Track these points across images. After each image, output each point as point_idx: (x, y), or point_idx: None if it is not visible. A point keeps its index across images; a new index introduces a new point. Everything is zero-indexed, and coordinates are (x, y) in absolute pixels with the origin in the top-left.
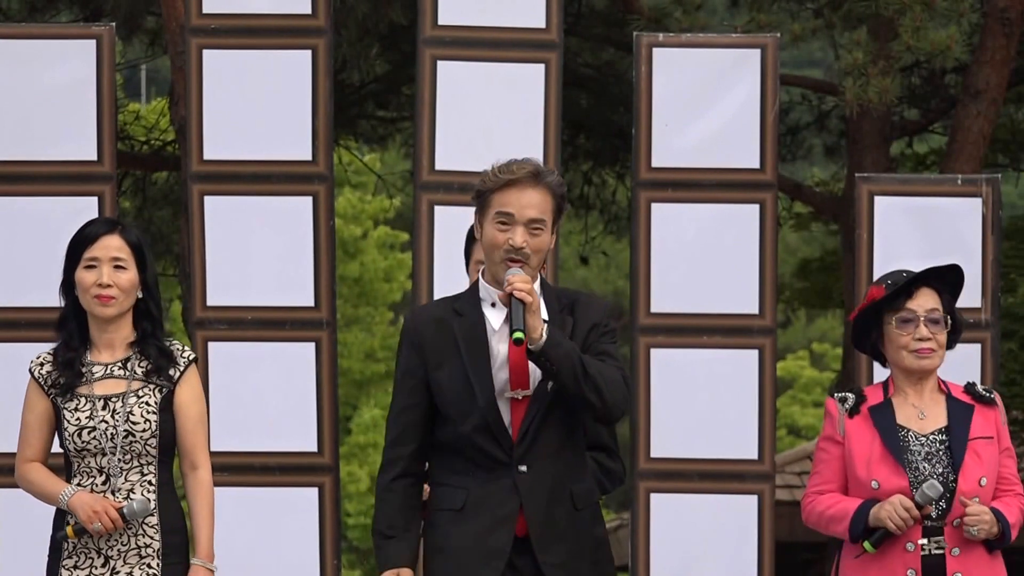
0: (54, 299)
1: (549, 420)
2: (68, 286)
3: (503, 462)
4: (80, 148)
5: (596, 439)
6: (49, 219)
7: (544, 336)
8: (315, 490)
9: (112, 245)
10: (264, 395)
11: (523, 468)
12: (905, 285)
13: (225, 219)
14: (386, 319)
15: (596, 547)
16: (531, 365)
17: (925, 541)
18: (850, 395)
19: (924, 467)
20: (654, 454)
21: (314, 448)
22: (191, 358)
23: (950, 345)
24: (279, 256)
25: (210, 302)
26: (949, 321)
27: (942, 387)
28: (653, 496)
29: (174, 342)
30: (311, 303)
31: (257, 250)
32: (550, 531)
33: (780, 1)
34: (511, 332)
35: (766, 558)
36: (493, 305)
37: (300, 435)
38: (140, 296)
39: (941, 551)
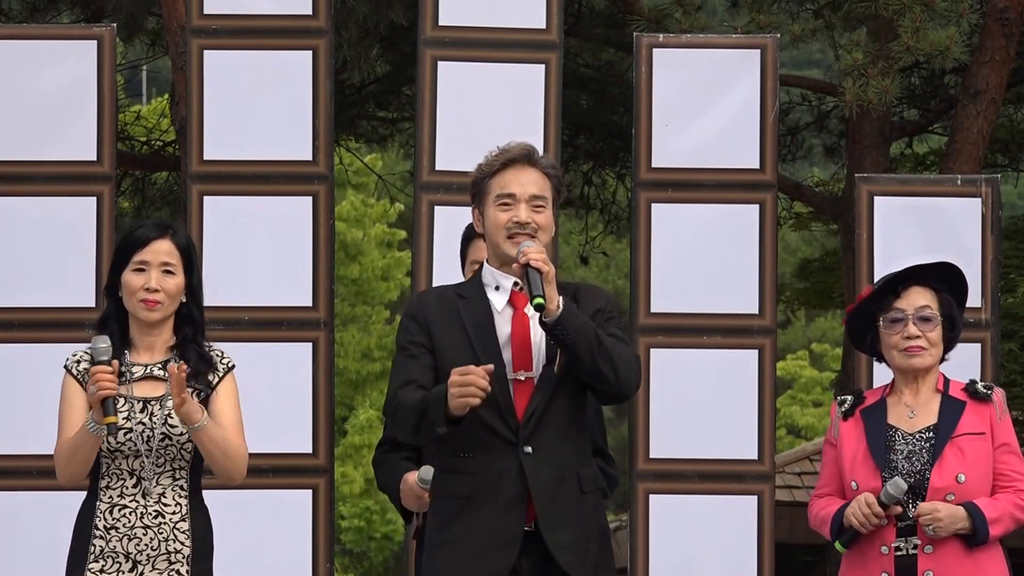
0: (54, 299)
1: (555, 403)
2: (113, 287)
3: (509, 441)
4: (80, 148)
5: (593, 444)
6: (49, 219)
7: (561, 306)
8: (308, 492)
9: (162, 249)
10: (259, 396)
11: (528, 449)
12: (891, 284)
13: (225, 219)
14: (383, 318)
15: (601, 534)
16: (534, 347)
17: (902, 542)
18: (848, 397)
19: (903, 466)
20: (653, 455)
21: (308, 449)
22: (230, 365)
23: (949, 344)
24: (278, 256)
25: (207, 302)
26: (939, 318)
27: (940, 386)
28: (652, 497)
29: (214, 347)
30: (309, 303)
31: (256, 250)
32: (557, 513)
33: (780, 2)
34: (531, 298)
35: (766, 559)
36: (497, 288)
37: (294, 436)
38: (183, 300)
39: (916, 551)
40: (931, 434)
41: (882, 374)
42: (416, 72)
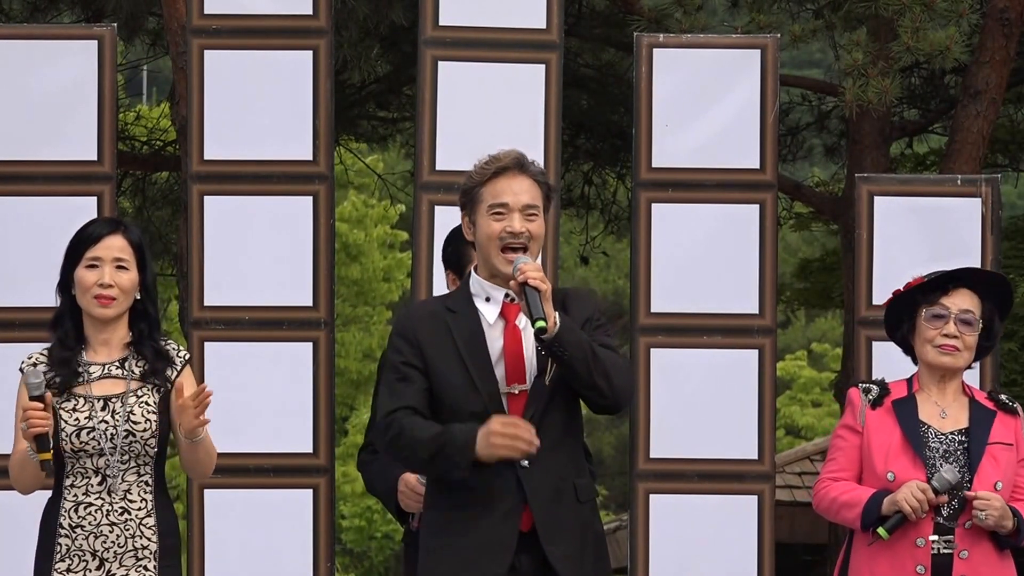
0: (54, 299)
1: (549, 415)
2: (65, 285)
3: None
4: (80, 148)
5: None
6: (49, 219)
7: (558, 323)
8: (309, 492)
9: (115, 245)
10: (260, 396)
11: (525, 463)
12: (941, 281)
13: (225, 219)
14: (384, 318)
15: (597, 542)
16: (526, 360)
17: (935, 538)
18: (874, 387)
19: (941, 464)
20: (653, 454)
21: (309, 449)
22: (186, 358)
23: (983, 352)
24: (278, 256)
25: (207, 302)
26: (980, 325)
27: (966, 390)
28: (652, 497)
29: (169, 342)
30: (309, 303)
31: (256, 250)
32: (556, 524)
33: (780, 2)
34: (532, 322)
35: (766, 559)
36: (488, 300)
37: (295, 436)
38: (138, 297)
39: (950, 551)
40: (964, 437)
41: (881, 376)
42: (416, 72)
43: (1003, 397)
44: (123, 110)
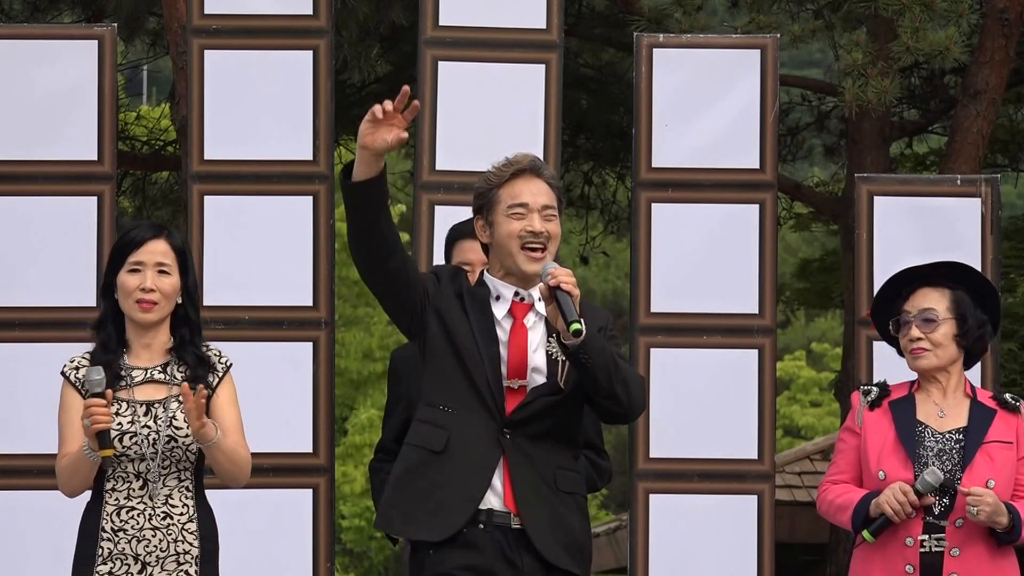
0: (54, 299)
1: (540, 412)
2: (108, 289)
3: (491, 411)
4: (80, 148)
5: (586, 438)
6: (49, 219)
7: (584, 329)
8: (309, 491)
9: (158, 250)
10: (260, 395)
11: (508, 434)
12: (892, 288)
13: (225, 219)
14: (384, 319)
15: (581, 534)
16: (529, 357)
17: (926, 537)
18: (874, 388)
19: (934, 463)
20: (653, 454)
21: (309, 449)
22: (228, 364)
23: (967, 339)
24: (278, 256)
25: (208, 302)
26: (946, 317)
27: (968, 391)
28: (652, 496)
29: (211, 347)
30: (309, 303)
31: (256, 250)
32: (532, 494)
33: (780, 2)
34: (568, 324)
35: (766, 559)
36: (498, 298)
37: (295, 436)
38: (179, 301)
39: (941, 550)
40: (961, 436)
41: (881, 375)
42: (416, 72)
43: (1007, 396)
44: (123, 110)
